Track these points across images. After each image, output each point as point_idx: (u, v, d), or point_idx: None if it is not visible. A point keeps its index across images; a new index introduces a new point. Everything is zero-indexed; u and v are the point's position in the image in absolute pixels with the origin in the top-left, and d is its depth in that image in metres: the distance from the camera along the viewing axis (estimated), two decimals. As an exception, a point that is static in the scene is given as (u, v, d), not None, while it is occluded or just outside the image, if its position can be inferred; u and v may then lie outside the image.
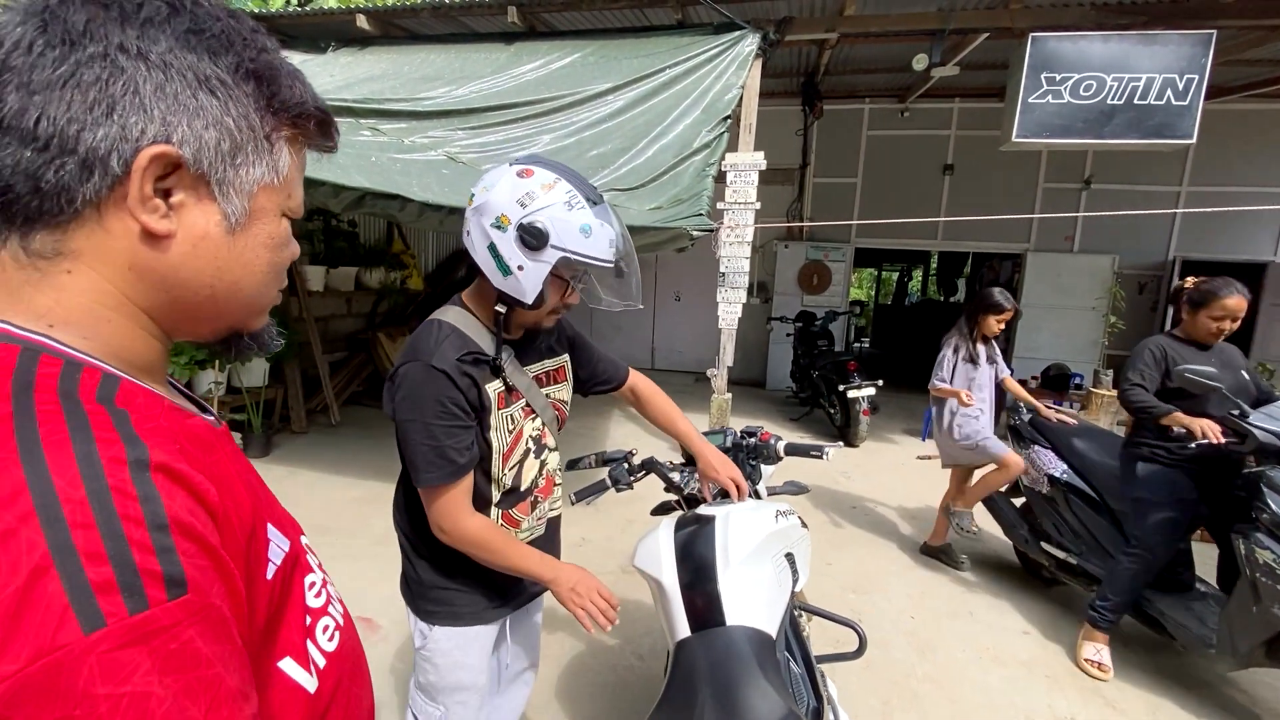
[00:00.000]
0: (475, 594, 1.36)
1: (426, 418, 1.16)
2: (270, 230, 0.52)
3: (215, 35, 0.46)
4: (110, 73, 0.42)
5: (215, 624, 0.39)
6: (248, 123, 0.48)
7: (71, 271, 0.44)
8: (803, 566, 1.57)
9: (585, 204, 1.13)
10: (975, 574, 3.35)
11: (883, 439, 5.87)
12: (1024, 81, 4.36)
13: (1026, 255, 7.57)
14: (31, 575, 0.33)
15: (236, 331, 0.55)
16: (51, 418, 0.38)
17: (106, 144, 0.42)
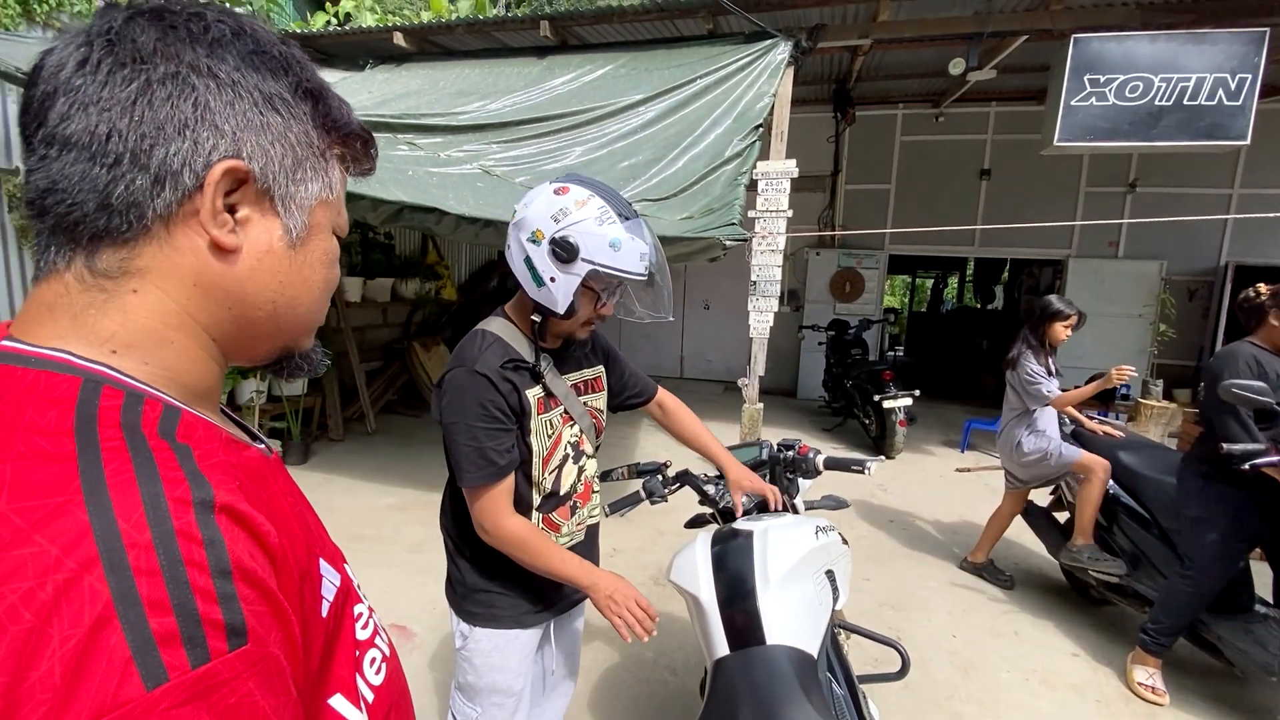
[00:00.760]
0: (516, 597, 1.39)
1: (469, 420, 1.22)
2: (325, 246, 0.53)
3: (275, 56, 0.48)
4: (182, 90, 0.43)
5: (273, 675, 0.38)
6: (308, 139, 0.49)
7: (137, 291, 0.44)
8: (843, 584, 1.53)
9: (617, 219, 1.18)
10: (1018, 592, 3.24)
11: (920, 451, 5.73)
12: (1066, 84, 4.24)
13: (1068, 261, 7.35)
14: (94, 626, 0.32)
15: (289, 351, 0.55)
16: (117, 455, 0.37)
17: (179, 159, 0.43)
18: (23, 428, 0.37)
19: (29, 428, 0.37)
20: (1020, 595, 3.21)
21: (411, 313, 7.16)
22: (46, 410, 0.38)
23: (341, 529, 3.74)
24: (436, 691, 2.36)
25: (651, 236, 1.23)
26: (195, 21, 0.44)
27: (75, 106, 0.41)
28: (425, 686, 2.40)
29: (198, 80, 0.43)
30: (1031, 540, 3.54)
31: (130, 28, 0.43)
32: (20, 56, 3.20)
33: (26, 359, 0.41)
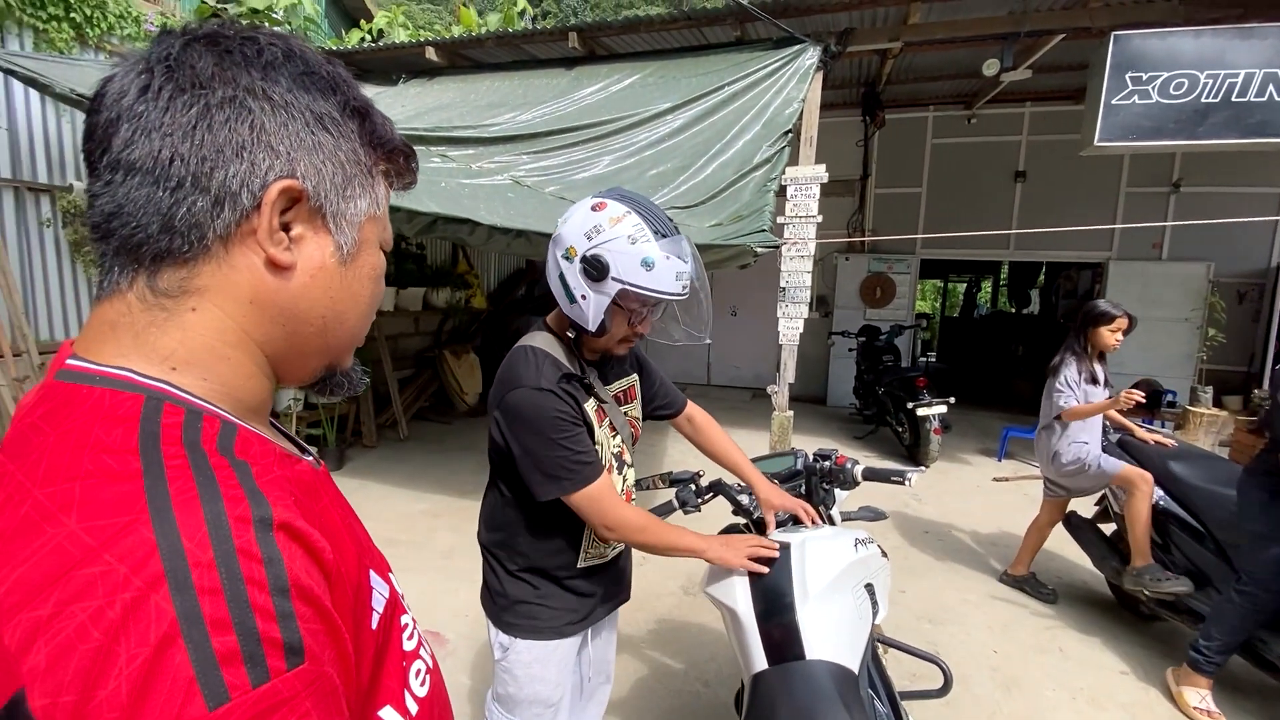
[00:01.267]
0: (559, 609, 1.39)
1: (549, 434, 1.22)
2: (373, 261, 0.54)
3: (324, 76, 0.49)
4: (239, 113, 0.44)
5: (328, 694, 0.39)
6: (356, 156, 0.50)
7: (196, 309, 0.45)
8: (883, 598, 1.50)
9: (652, 237, 1.15)
10: (1062, 607, 3.13)
11: (955, 460, 5.61)
12: (1106, 82, 4.12)
13: (1108, 264, 7.14)
14: (159, 645, 0.32)
15: (332, 369, 0.56)
16: (180, 473, 0.38)
17: (237, 180, 0.44)
18: (90, 446, 0.38)
19: (96, 446, 0.38)
20: (1064, 610, 3.11)
21: (442, 321, 7.27)
22: (112, 428, 0.39)
23: (376, 535, 3.76)
24: (470, 699, 2.37)
25: (692, 253, 1.21)
26: (249, 45, 0.46)
27: (139, 132, 0.43)
28: (459, 693, 2.42)
29: (253, 103, 0.45)
30: (1074, 552, 3.43)
31: (188, 53, 0.44)
32: (75, 79, 3.35)
33: (92, 377, 0.43)
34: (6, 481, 0.39)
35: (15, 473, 0.39)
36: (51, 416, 0.41)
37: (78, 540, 0.34)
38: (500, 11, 8.02)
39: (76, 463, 0.38)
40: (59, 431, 0.40)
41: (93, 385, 0.42)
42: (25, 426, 0.42)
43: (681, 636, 2.80)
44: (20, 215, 3.99)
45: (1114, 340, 2.99)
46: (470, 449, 5.64)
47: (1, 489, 0.38)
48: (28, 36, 3.99)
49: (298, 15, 5.77)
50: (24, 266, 4.02)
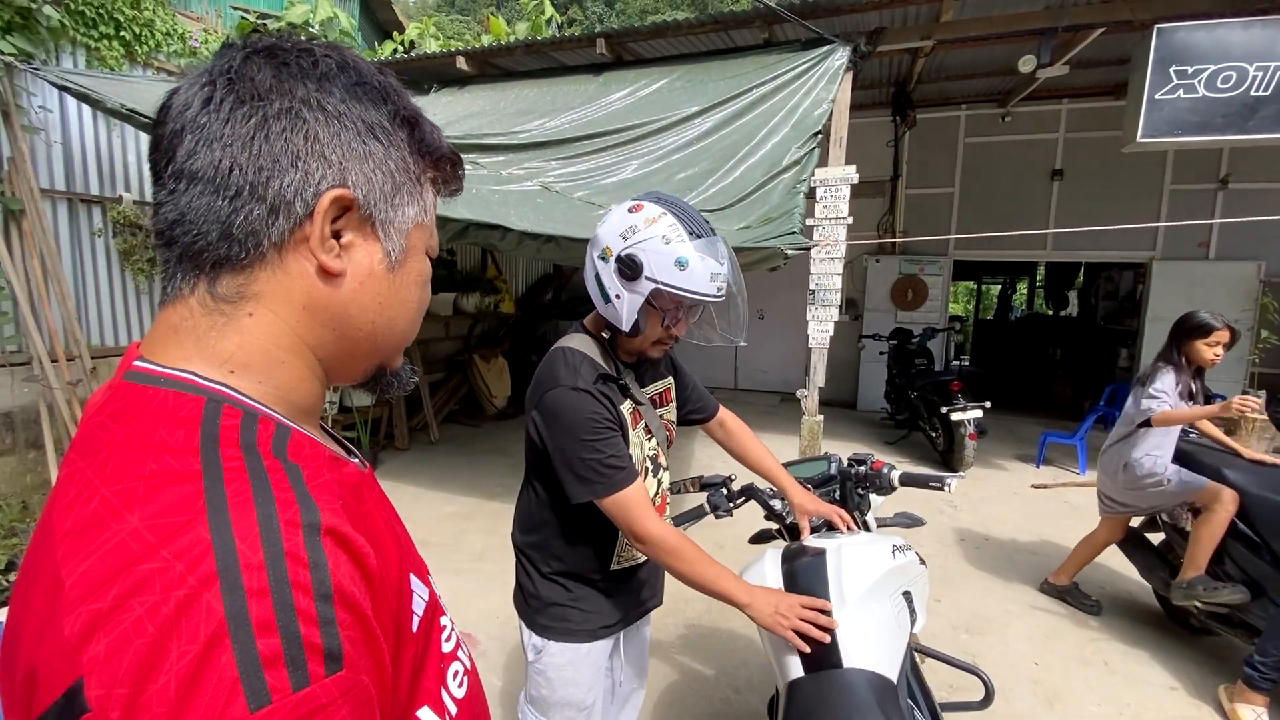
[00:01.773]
0: (591, 612, 1.38)
1: (583, 435, 1.22)
2: (420, 268, 0.55)
3: (375, 87, 0.50)
4: (294, 123, 0.45)
5: (363, 703, 0.39)
6: (405, 165, 0.51)
7: (253, 314, 0.47)
8: (920, 606, 1.47)
9: (687, 238, 1.15)
10: (1106, 618, 3.03)
11: (991, 465, 5.47)
12: (1149, 77, 4.00)
13: (1152, 264, 6.90)
14: (208, 644, 0.33)
15: (382, 370, 0.57)
16: (236, 475, 0.40)
17: (292, 190, 0.45)
18: (154, 446, 0.40)
19: (159, 446, 0.40)
20: (1108, 621, 3.00)
21: (472, 326, 7.37)
22: (175, 429, 0.41)
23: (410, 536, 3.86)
24: (501, 701, 2.39)
25: (729, 255, 1.20)
26: (306, 57, 0.47)
27: (201, 143, 0.44)
28: (490, 695, 2.42)
29: (308, 113, 0.46)
30: (1119, 561, 3.31)
31: (248, 66, 0.46)
32: (125, 94, 3.49)
33: (157, 379, 0.44)
34: (77, 479, 0.40)
35: (85, 470, 0.40)
36: (119, 416, 0.43)
37: (139, 537, 0.36)
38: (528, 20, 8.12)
39: (141, 462, 0.39)
40: (126, 431, 0.41)
41: (157, 386, 0.44)
42: (94, 425, 0.44)
43: (711, 642, 2.78)
44: (73, 226, 4.17)
45: (1212, 355, 2.73)
46: (499, 452, 5.70)
47: (73, 485, 0.40)
48: (80, 55, 4.17)
49: (333, 29, 5.93)
50: (76, 274, 4.19)
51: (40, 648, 0.36)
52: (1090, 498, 4.48)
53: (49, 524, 0.40)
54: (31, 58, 3.73)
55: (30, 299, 3.79)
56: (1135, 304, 7.58)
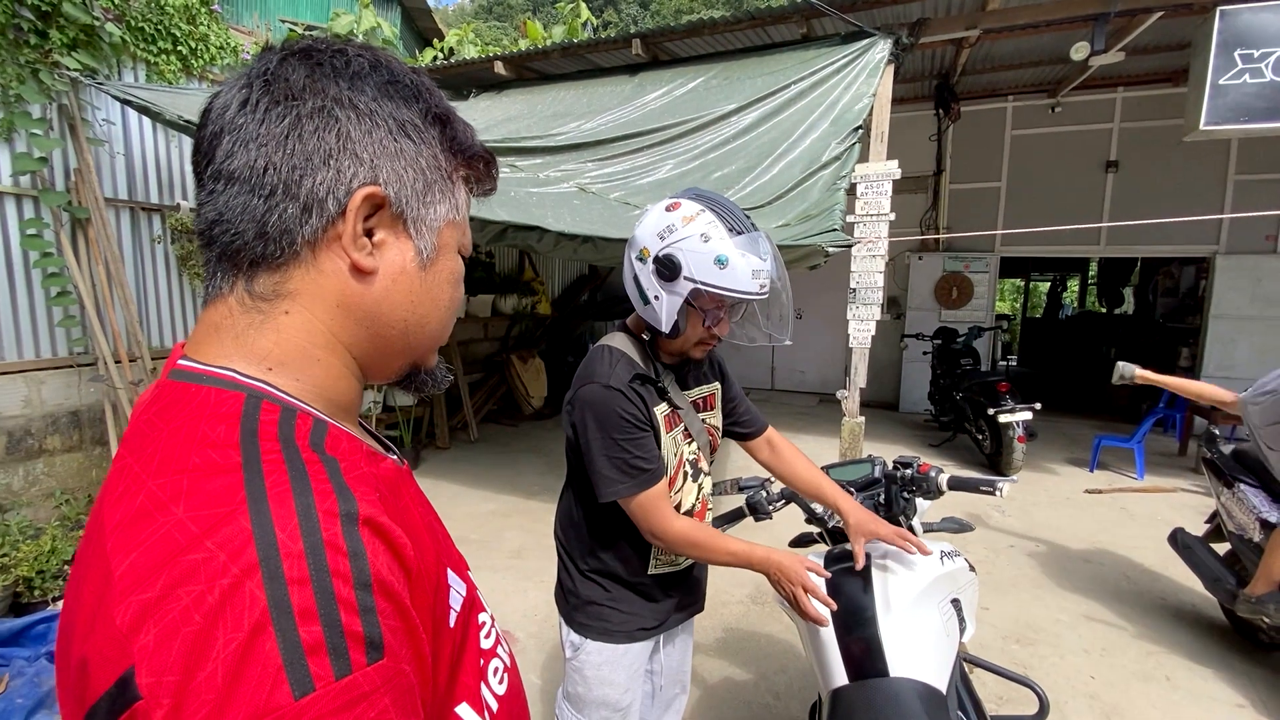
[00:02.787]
0: (629, 613, 1.37)
1: (611, 433, 1.21)
2: (452, 266, 0.55)
3: (407, 85, 0.50)
4: (327, 122, 0.46)
5: (405, 692, 0.39)
6: (437, 162, 0.51)
7: (289, 312, 0.47)
8: (970, 615, 1.42)
9: (726, 235, 1.12)
10: (1167, 632, 2.88)
11: (1041, 469, 5.27)
12: (1212, 61, 3.80)
13: (1215, 258, 6.55)
14: (252, 631, 0.34)
15: (417, 368, 0.57)
16: (275, 467, 0.40)
17: (324, 188, 0.46)
18: (197, 441, 0.41)
19: (202, 441, 0.41)
20: (1170, 635, 2.85)
21: (510, 327, 7.46)
22: (216, 425, 0.42)
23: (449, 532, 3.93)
24: (540, 698, 2.40)
25: (772, 252, 1.17)
26: (338, 57, 0.48)
27: (238, 144, 0.45)
28: (529, 693, 2.45)
29: (340, 112, 0.46)
30: (1181, 573, 3.15)
31: (284, 68, 0.46)
32: (182, 106, 3.64)
33: (199, 376, 0.46)
34: (126, 474, 0.42)
35: (133, 465, 0.42)
36: (164, 413, 0.44)
37: (184, 528, 0.37)
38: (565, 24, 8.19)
39: (185, 456, 0.40)
40: (171, 427, 0.43)
41: (200, 384, 0.45)
42: (142, 423, 0.45)
43: (750, 646, 2.74)
44: (135, 233, 4.37)
45: None
46: (536, 451, 5.75)
47: (122, 481, 0.41)
48: (140, 69, 4.38)
49: (376, 38, 6.08)
50: (138, 279, 4.39)
51: (91, 637, 0.36)
52: (1150, 504, 4.31)
53: (99, 518, 0.41)
54: (95, 73, 3.92)
55: (96, 303, 3.98)
56: (1197, 300, 7.20)
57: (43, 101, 3.69)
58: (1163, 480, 5.00)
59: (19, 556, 3.06)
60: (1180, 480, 5.02)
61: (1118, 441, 5.18)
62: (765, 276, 1.15)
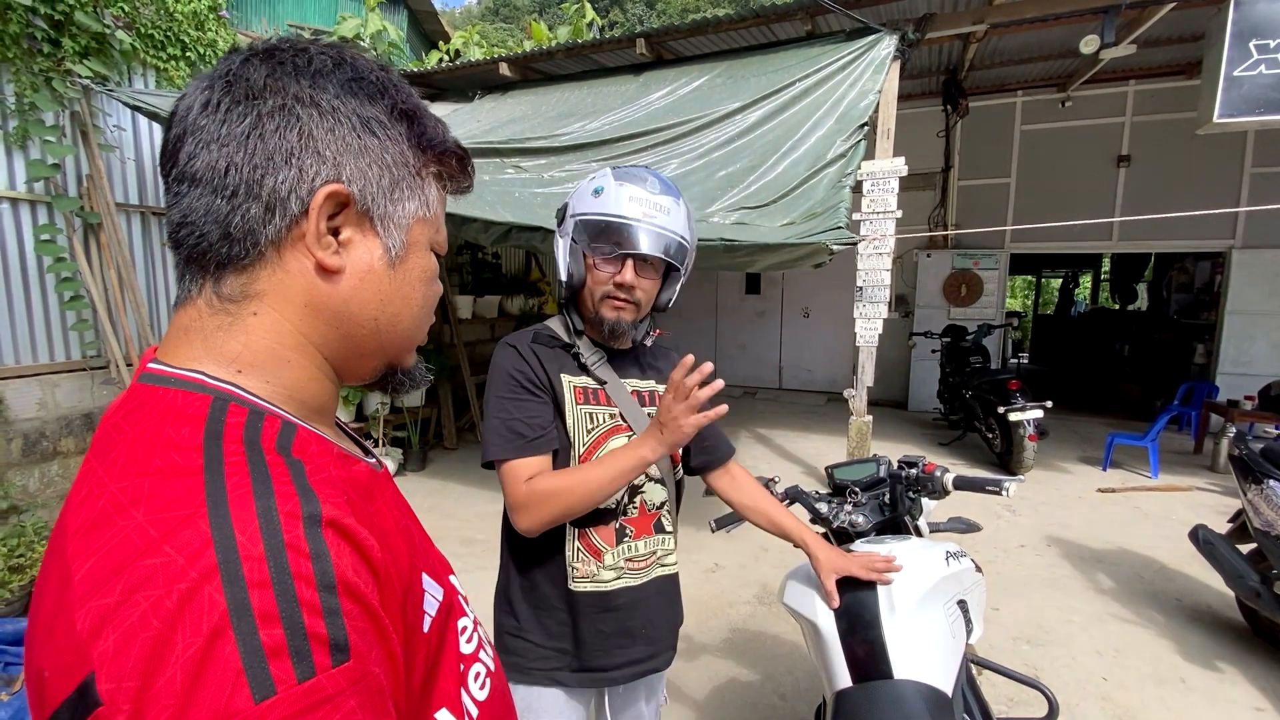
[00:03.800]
0: (544, 647, 1.16)
1: (498, 392, 1.13)
2: (424, 264, 0.54)
3: (372, 82, 0.49)
4: (288, 120, 0.45)
5: (374, 694, 0.39)
6: (404, 159, 0.51)
7: (257, 313, 0.47)
8: (977, 616, 1.40)
9: (609, 173, 1.13)
10: (1184, 633, 2.83)
11: (1053, 468, 5.21)
12: (1227, 52, 3.74)
13: (1231, 253, 6.46)
14: (211, 636, 0.33)
15: (393, 368, 0.57)
16: (237, 469, 0.40)
17: (286, 187, 0.45)
18: (160, 444, 0.41)
19: (165, 444, 0.41)
20: (1186, 635, 2.81)
21: (517, 328, 7.48)
22: (181, 427, 0.42)
23: (455, 533, 3.94)
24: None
25: (674, 205, 1.11)
26: (301, 56, 0.47)
27: (200, 145, 0.45)
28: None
29: (301, 110, 0.46)
30: (1199, 570, 3.10)
31: (245, 68, 0.46)
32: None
33: (168, 379, 0.45)
34: (89, 478, 0.41)
35: (96, 469, 0.41)
36: (131, 416, 0.44)
37: (143, 531, 0.36)
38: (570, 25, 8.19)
39: (148, 459, 0.40)
40: (135, 430, 0.42)
41: (168, 387, 0.45)
42: (110, 426, 0.45)
43: (756, 647, 2.73)
44: (146, 237, 4.42)
45: None
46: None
47: (85, 485, 0.41)
48: (150, 76, 4.43)
49: (382, 41, 6.11)
50: (149, 283, 4.44)
51: (50, 644, 0.36)
52: (1165, 503, 4.26)
53: (63, 523, 0.41)
54: (106, 80, 3.97)
55: (108, 306, 4.03)
56: (1213, 296, 7.10)
57: (56, 109, 3.74)
58: (1178, 479, 4.93)
59: (34, 557, 3.10)
60: (1196, 479, 4.95)
61: (1131, 440, 5.11)
62: (649, 205, 1.09)
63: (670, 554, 1.25)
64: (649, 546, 1.20)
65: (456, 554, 3.61)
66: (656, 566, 1.22)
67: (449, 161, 0.55)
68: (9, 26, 3.45)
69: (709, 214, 3.47)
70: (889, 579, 1.23)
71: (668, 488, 1.24)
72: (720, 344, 9.15)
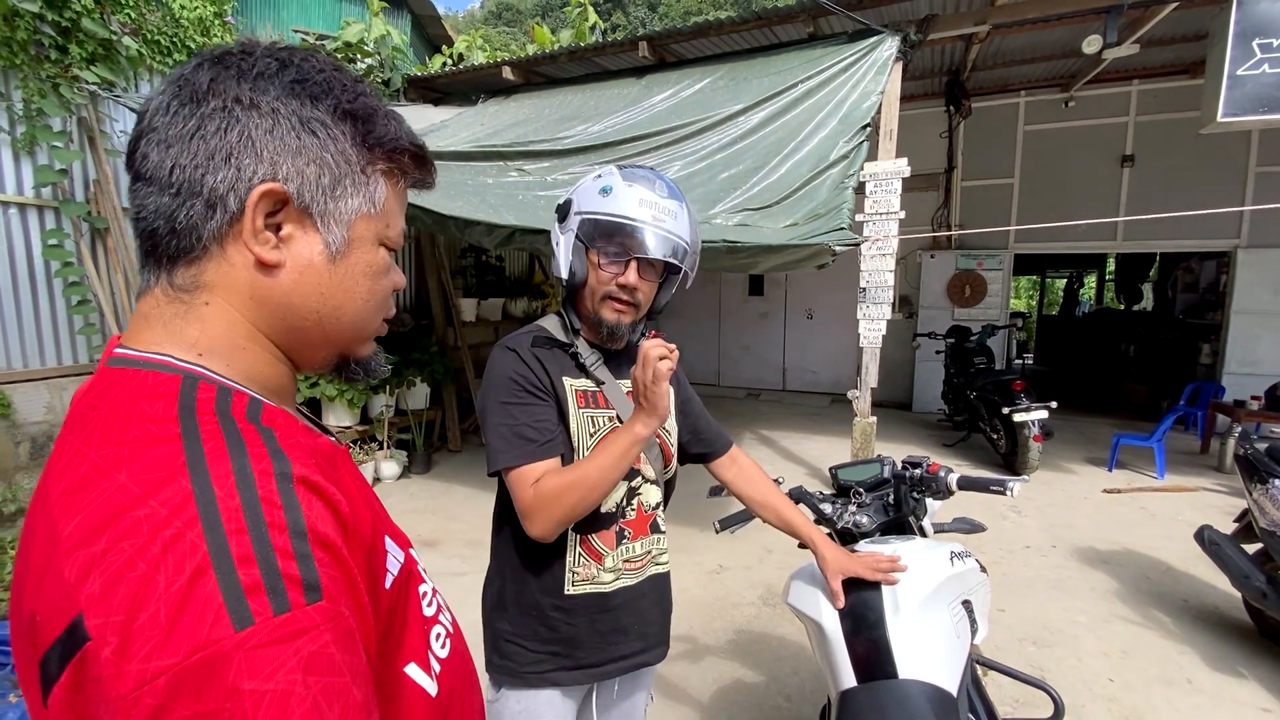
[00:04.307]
0: (540, 649, 1.16)
1: (499, 396, 1.11)
2: (369, 259, 0.55)
3: (317, 83, 0.51)
4: (227, 121, 0.47)
5: (345, 634, 0.42)
6: (345, 157, 0.52)
7: (209, 303, 0.50)
8: (982, 617, 1.40)
9: (616, 173, 1.12)
10: (1190, 633, 2.82)
11: (1058, 469, 5.20)
12: (1230, 51, 3.73)
13: (1236, 252, 6.43)
14: (193, 575, 0.37)
15: (345, 358, 0.59)
16: (212, 435, 0.43)
17: (225, 185, 0.47)
18: (136, 416, 0.43)
19: (141, 416, 0.43)
20: (1193, 636, 2.79)
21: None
22: (155, 402, 0.44)
23: (461, 536, 3.94)
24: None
25: (680, 208, 1.11)
26: (245, 60, 0.49)
27: (152, 145, 0.48)
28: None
29: (241, 112, 0.48)
30: (1205, 571, 3.09)
31: (195, 72, 0.49)
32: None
33: (136, 361, 0.48)
34: (69, 449, 0.44)
35: (75, 442, 0.44)
36: (104, 395, 0.46)
37: (127, 490, 0.39)
38: (572, 28, 8.21)
39: (125, 429, 0.43)
40: (110, 406, 0.45)
41: (137, 368, 0.47)
42: (83, 407, 0.47)
43: (762, 648, 2.73)
44: (152, 242, 4.46)
45: None
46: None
47: (65, 455, 0.44)
48: (157, 81, 4.46)
49: (386, 45, 6.13)
50: (155, 288, 4.48)
51: (40, 593, 0.39)
52: (1171, 504, 4.24)
53: (44, 489, 0.44)
54: (113, 85, 4.00)
55: (115, 310, 4.06)
56: (1219, 296, 7.07)
57: (63, 115, 3.77)
58: (1184, 479, 4.91)
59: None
60: (1203, 479, 4.93)
61: (1137, 440, 5.09)
62: (658, 209, 1.09)
63: (664, 553, 1.26)
64: (645, 546, 1.21)
65: (462, 556, 3.62)
66: (651, 565, 1.23)
67: (400, 159, 0.56)
68: (16, 33, 3.48)
69: (712, 216, 3.48)
70: (894, 579, 1.24)
71: (660, 488, 1.25)
72: (724, 346, 9.15)
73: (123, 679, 0.35)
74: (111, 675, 0.35)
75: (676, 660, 2.62)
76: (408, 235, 6.14)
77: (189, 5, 4.39)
